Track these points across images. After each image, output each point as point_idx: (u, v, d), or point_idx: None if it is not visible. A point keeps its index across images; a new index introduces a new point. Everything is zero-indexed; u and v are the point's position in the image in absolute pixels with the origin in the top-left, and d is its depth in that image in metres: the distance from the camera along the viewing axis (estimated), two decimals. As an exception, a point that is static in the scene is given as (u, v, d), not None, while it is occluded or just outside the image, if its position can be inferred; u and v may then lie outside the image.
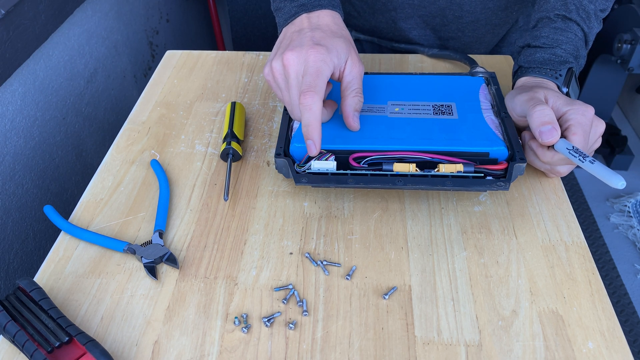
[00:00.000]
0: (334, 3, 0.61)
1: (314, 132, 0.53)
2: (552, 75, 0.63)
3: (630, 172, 1.91)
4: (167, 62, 0.84)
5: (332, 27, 0.58)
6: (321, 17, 0.59)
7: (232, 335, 0.48)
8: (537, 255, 0.53)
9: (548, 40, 0.65)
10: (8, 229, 0.79)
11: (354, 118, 0.57)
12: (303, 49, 0.54)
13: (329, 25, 0.58)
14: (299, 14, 0.59)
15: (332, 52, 0.54)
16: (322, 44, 0.54)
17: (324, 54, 0.54)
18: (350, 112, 0.57)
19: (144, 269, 0.53)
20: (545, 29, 0.66)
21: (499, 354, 0.45)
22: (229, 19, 1.79)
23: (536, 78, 0.64)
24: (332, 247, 0.55)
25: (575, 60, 0.65)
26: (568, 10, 0.65)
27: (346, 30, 0.59)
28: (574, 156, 0.54)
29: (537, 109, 0.56)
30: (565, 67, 0.63)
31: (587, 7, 0.65)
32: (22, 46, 0.77)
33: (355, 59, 0.57)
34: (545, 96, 0.59)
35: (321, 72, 0.53)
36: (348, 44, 0.57)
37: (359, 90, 0.57)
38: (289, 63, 0.54)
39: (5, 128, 0.78)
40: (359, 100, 0.57)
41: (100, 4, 1.05)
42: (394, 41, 0.88)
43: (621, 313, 1.48)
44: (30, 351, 0.44)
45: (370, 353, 0.46)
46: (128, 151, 0.68)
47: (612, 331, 0.47)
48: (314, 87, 0.52)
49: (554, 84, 0.63)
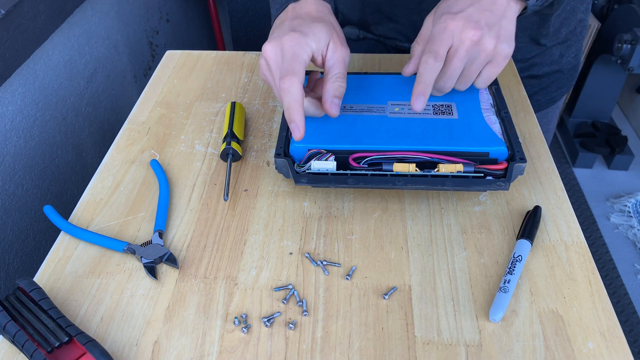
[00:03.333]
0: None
1: (295, 113, 0.53)
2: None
3: (630, 172, 1.91)
4: (167, 62, 0.84)
5: (313, 14, 0.57)
6: (304, 6, 0.58)
7: (232, 335, 0.48)
8: (537, 255, 0.53)
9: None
10: (8, 229, 0.79)
11: (331, 104, 0.55)
12: (278, 39, 0.54)
13: (310, 12, 0.58)
14: (286, 5, 0.60)
15: (309, 35, 0.54)
16: (297, 30, 0.54)
17: (299, 38, 0.53)
18: (329, 98, 0.55)
19: (143, 269, 0.53)
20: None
21: (499, 354, 0.45)
22: (229, 19, 1.79)
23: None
24: (332, 247, 0.55)
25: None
26: None
27: (330, 16, 0.59)
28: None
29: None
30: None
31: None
32: (22, 46, 0.77)
33: (338, 43, 0.56)
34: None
35: (297, 55, 0.53)
36: (329, 27, 0.56)
37: (340, 75, 0.56)
38: (267, 55, 0.54)
39: (5, 128, 0.78)
40: (339, 85, 0.55)
41: (100, 4, 1.05)
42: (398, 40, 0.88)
43: (621, 313, 1.48)
44: (30, 351, 0.44)
45: (370, 353, 0.46)
46: (128, 151, 0.68)
47: (612, 331, 0.47)
48: (290, 70, 0.52)
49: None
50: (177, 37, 1.52)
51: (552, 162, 0.64)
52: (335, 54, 0.56)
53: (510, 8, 0.54)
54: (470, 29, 0.52)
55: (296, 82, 0.52)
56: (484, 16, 0.53)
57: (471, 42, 0.52)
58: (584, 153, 1.91)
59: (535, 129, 0.69)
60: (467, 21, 0.52)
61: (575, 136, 1.98)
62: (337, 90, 0.55)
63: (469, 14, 0.52)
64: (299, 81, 0.52)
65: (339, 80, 0.56)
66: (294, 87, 0.52)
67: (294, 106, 0.52)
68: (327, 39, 0.55)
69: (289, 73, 0.52)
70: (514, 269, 0.50)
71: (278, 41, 0.54)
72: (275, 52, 0.54)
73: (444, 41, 0.53)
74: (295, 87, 0.52)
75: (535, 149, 0.66)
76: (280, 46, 0.54)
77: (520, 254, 0.52)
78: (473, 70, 0.55)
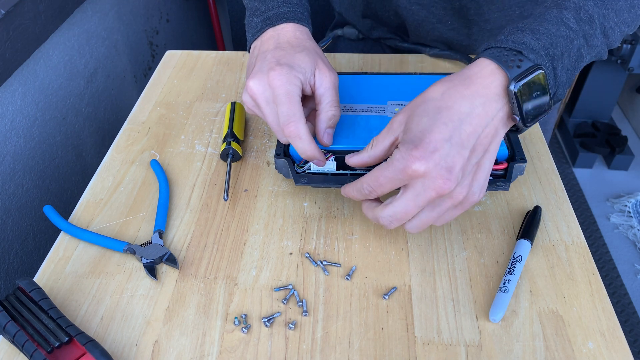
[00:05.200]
0: (301, 16, 0.58)
1: (312, 153, 0.52)
2: (501, 59, 0.44)
3: (630, 172, 1.91)
4: (167, 62, 0.84)
5: (293, 42, 0.55)
6: (283, 33, 0.56)
7: (232, 335, 0.48)
8: (537, 255, 0.53)
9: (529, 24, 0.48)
10: (8, 229, 0.79)
11: (324, 135, 0.54)
12: (263, 74, 0.52)
13: (289, 40, 0.55)
14: (265, 29, 0.57)
15: (295, 68, 0.52)
16: (282, 63, 0.52)
17: (287, 74, 0.51)
18: (322, 130, 0.54)
19: (143, 269, 0.53)
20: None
21: (499, 354, 0.45)
22: (229, 19, 1.79)
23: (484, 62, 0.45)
24: (332, 247, 0.55)
25: (548, 60, 0.45)
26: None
27: (310, 41, 0.57)
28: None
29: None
30: (528, 58, 0.44)
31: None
32: (22, 46, 0.77)
33: (324, 69, 0.54)
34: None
35: (291, 94, 0.51)
36: (312, 55, 0.54)
37: (333, 103, 0.54)
38: (254, 92, 0.52)
39: (5, 128, 0.78)
40: (332, 114, 0.54)
41: (100, 4, 1.05)
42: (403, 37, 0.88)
43: (621, 313, 1.48)
44: (30, 351, 0.44)
45: (370, 353, 0.46)
46: (128, 151, 0.68)
47: (612, 331, 0.47)
48: (292, 115, 0.51)
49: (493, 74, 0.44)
50: (177, 37, 1.52)
51: (552, 162, 0.64)
52: (325, 81, 0.53)
53: (498, 135, 0.45)
54: (440, 179, 0.42)
55: (302, 125, 0.51)
56: (460, 158, 0.43)
57: (437, 194, 0.43)
58: (584, 153, 1.91)
59: (535, 129, 0.69)
60: (438, 167, 0.42)
61: (575, 136, 1.98)
62: (330, 120, 0.54)
63: (444, 155, 0.42)
64: (303, 123, 0.51)
65: (333, 108, 0.54)
66: (301, 132, 0.51)
67: (309, 148, 0.52)
68: (313, 68, 0.53)
69: (293, 119, 0.51)
70: (514, 269, 0.50)
71: (263, 76, 0.52)
72: (262, 88, 0.52)
73: (400, 181, 0.44)
74: (302, 131, 0.51)
75: (535, 149, 0.66)
76: (266, 82, 0.51)
77: (520, 254, 0.52)
78: (431, 216, 0.47)
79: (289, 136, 0.51)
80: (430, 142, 0.42)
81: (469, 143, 0.43)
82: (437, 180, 0.42)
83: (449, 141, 0.42)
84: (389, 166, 0.44)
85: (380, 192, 0.47)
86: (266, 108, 0.52)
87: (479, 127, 0.43)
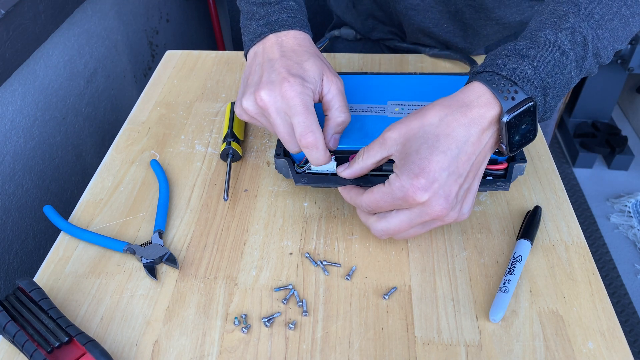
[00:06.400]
0: (302, 23, 0.58)
1: (325, 161, 0.53)
2: (498, 89, 0.45)
3: (630, 172, 1.91)
4: (167, 62, 0.84)
5: (297, 50, 0.54)
6: (286, 41, 0.55)
7: (232, 335, 0.48)
8: (537, 255, 0.53)
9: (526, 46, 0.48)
10: (8, 229, 0.79)
11: (331, 140, 0.54)
12: (275, 85, 0.51)
13: (294, 49, 0.54)
14: (266, 34, 0.56)
15: (307, 79, 0.52)
16: (294, 74, 0.51)
17: (301, 84, 0.51)
18: (330, 134, 0.54)
19: (143, 269, 0.53)
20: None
21: (499, 354, 0.45)
22: (229, 19, 1.79)
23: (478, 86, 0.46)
24: (332, 247, 0.55)
25: (541, 90, 0.46)
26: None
27: (313, 48, 0.57)
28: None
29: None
30: (523, 90, 0.45)
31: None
32: (22, 46, 0.77)
33: (330, 75, 0.54)
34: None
35: (307, 106, 0.51)
36: (318, 62, 0.54)
37: (342, 109, 0.54)
38: (265, 103, 0.51)
39: (5, 128, 0.78)
40: (342, 120, 0.54)
41: (100, 4, 1.05)
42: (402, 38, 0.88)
43: (621, 313, 1.48)
44: (30, 351, 0.44)
45: (370, 353, 0.46)
46: (128, 151, 0.68)
47: (612, 331, 0.47)
48: (309, 126, 0.50)
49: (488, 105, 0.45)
50: (177, 37, 1.52)
51: (552, 162, 0.64)
52: (332, 87, 0.54)
53: (486, 160, 0.48)
54: (438, 206, 0.45)
55: (319, 135, 0.51)
56: (456, 186, 0.45)
57: (432, 218, 0.46)
58: (584, 153, 1.91)
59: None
60: (437, 196, 0.45)
61: (575, 136, 1.98)
62: (340, 126, 0.54)
63: (442, 184, 0.44)
64: (320, 134, 0.51)
65: (343, 114, 0.54)
66: (319, 142, 0.51)
67: (323, 157, 0.52)
68: (320, 75, 0.53)
69: (310, 129, 0.50)
70: (514, 269, 0.50)
71: (275, 87, 0.51)
72: (274, 99, 0.51)
73: (399, 206, 0.47)
74: (320, 141, 0.51)
75: (535, 149, 0.66)
76: (279, 93, 0.51)
77: (520, 254, 0.52)
78: (420, 231, 0.50)
79: (306, 146, 0.51)
80: (430, 172, 0.44)
81: (464, 171, 0.45)
82: (435, 207, 0.45)
83: (447, 170, 0.45)
84: (390, 192, 0.46)
85: (377, 211, 0.50)
86: (277, 119, 0.52)
87: (473, 155, 0.46)
